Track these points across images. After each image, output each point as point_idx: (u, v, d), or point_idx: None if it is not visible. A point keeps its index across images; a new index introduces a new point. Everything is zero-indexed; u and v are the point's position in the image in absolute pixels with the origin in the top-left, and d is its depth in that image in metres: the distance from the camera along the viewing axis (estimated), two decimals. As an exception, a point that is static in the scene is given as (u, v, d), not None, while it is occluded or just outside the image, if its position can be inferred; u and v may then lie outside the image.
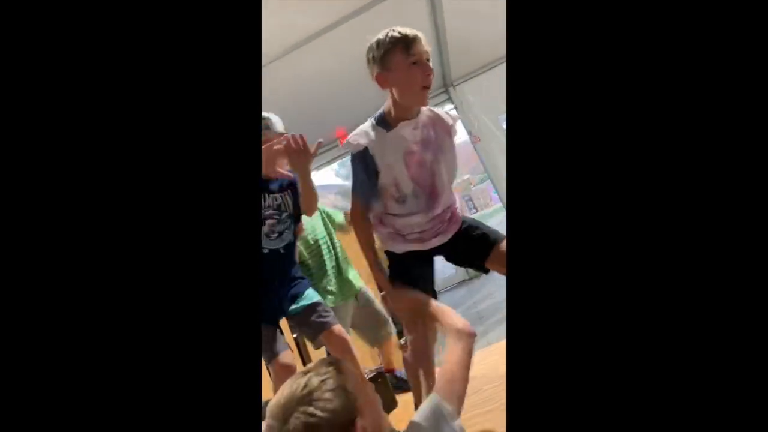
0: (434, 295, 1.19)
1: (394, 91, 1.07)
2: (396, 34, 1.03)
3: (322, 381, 0.59)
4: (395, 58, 1.03)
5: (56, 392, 0.41)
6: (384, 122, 1.09)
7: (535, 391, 0.41)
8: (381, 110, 1.11)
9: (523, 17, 0.44)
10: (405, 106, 1.08)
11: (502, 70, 3.20)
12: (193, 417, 0.43)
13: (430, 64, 1.04)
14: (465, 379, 0.73)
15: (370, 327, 1.79)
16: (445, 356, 0.77)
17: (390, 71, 1.04)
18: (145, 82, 0.44)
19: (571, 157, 0.42)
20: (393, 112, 1.08)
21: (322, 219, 1.84)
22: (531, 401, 0.41)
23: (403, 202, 1.12)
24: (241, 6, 0.47)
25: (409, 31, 1.03)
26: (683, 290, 0.39)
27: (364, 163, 1.08)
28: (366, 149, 1.07)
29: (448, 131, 1.15)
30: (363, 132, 1.09)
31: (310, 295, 1.35)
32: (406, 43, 1.02)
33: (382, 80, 1.06)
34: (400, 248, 1.16)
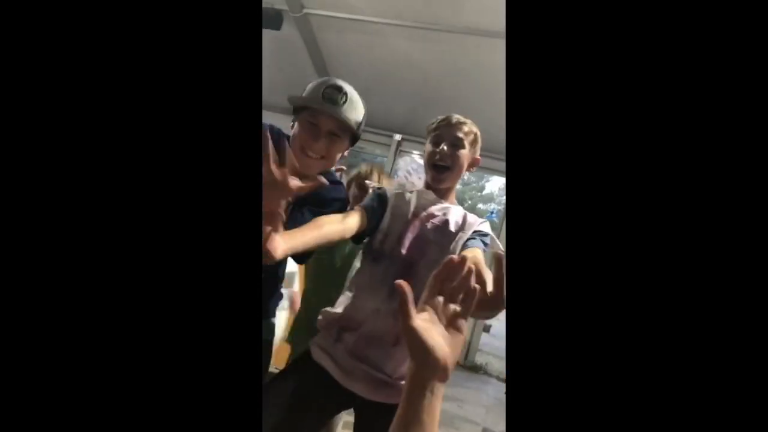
0: None
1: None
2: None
3: None
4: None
5: (55, 392, 0.41)
6: None
7: (534, 392, 0.41)
8: None
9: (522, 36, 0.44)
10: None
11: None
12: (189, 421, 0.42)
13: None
14: None
15: None
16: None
17: None
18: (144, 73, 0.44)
19: (570, 161, 0.43)
20: None
21: None
22: (530, 403, 0.41)
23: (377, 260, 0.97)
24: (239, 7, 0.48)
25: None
26: (683, 292, 0.39)
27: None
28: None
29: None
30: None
31: None
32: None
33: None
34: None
